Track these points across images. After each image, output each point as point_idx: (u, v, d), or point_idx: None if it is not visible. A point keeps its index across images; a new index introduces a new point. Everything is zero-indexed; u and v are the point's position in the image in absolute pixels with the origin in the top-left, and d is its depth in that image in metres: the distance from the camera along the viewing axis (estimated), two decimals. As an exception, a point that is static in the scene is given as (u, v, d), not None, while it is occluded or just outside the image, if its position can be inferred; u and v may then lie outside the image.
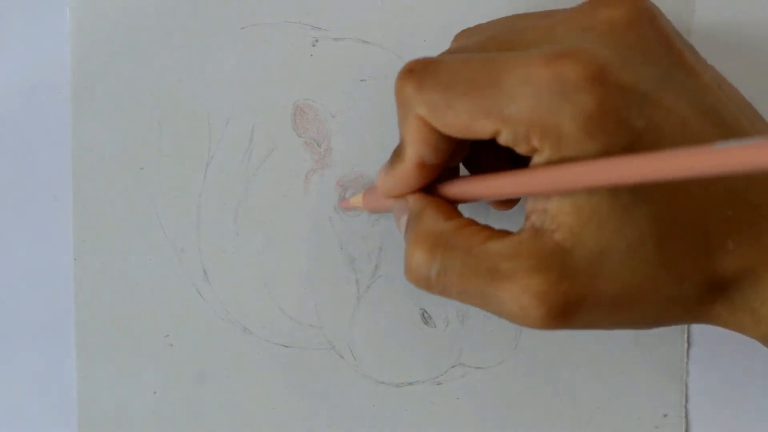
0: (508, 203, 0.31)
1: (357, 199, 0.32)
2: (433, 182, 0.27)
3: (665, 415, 0.34)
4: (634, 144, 0.23)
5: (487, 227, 0.26)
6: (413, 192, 0.27)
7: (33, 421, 0.35)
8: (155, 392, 0.34)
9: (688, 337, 0.34)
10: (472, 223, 0.26)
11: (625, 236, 0.23)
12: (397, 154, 0.27)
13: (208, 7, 0.33)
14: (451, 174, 0.28)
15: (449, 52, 0.27)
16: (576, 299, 0.24)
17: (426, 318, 0.34)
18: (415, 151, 0.26)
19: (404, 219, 0.27)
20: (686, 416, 0.34)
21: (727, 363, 0.34)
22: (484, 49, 0.26)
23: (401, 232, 0.28)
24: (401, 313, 0.34)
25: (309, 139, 0.34)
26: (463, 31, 0.30)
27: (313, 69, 0.33)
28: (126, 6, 0.33)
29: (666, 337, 0.34)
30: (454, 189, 0.27)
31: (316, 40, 0.33)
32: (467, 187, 0.26)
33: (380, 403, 0.34)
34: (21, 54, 0.34)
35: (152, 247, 0.34)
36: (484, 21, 0.30)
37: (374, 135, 0.33)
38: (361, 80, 0.33)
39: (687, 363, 0.34)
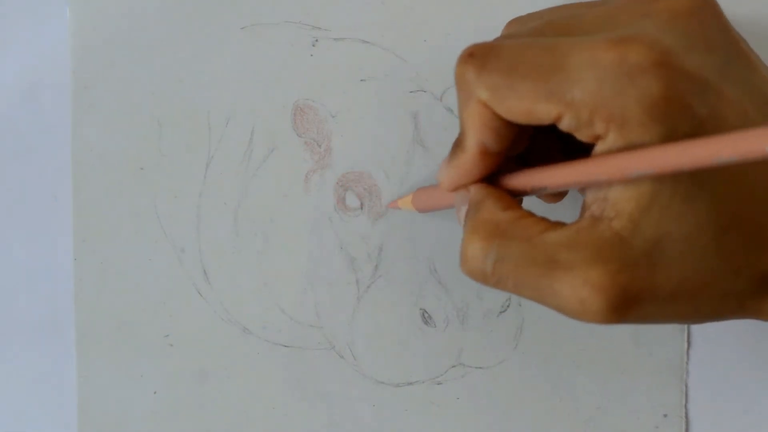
0: (558, 195, 0.30)
1: (406, 200, 0.32)
2: (495, 174, 0.27)
3: (665, 415, 0.34)
4: (696, 131, 0.23)
5: (544, 219, 0.25)
6: (476, 182, 0.27)
7: (33, 421, 0.35)
8: (155, 392, 0.34)
9: (688, 337, 0.34)
10: (530, 214, 0.26)
11: (685, 225, 0.23)
12: (458, 144, 0.26)
13: (208, 7, 0.33)
14: (510, 166, 0.28)
15: (502, 38, 0.27)
16: (635, 291, 0.23)
17: (426, 318, 0.34)
18: (477, 137, 0.25)
19: (463, 210, 0.27)
20: (686, 416, 0.34)
21: (727, 363, 0.34)
22: (541, 34, 0.26)
23: (461, 225, 0.27)
24: (401, 313, 0.34)
25: (309, 139, 0.34)
26: (516, 19, 0.29)
27: (313, 69, 0.33)
28: (126, 6, 0.33)
29: (666, 337, 0.34)
30: (517, 180, 0.26)
31: (316, 40, 0.33)
32: (531, 177, 0.26)
33: (380, 403, 0.34)
34: (21, 54, 0.34)
35: (152, 247, 0.34)
36: (484, 21, 0.30)
37: (374, 135, 0.33)
38: (361, 80, 0.33)
39: (687, 363, 0.34)
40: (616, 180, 0.23)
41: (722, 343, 0.34)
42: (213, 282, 0.34)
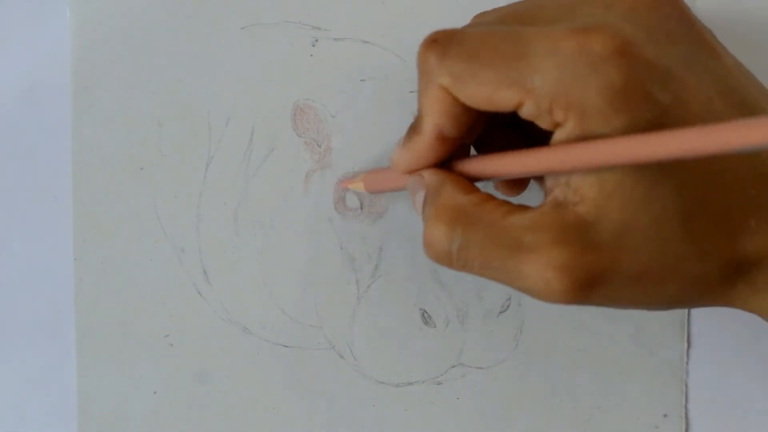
0: (517, 187, 0.30)
1: (357, 181, 0.32)
2: (448, 160, 0.27)
3: (665, 415, 0.34)
4: (659, 120, 0.23)
5: (506, 202, 0.25)
6: (430, 167, 0.27)
7: (33, 421, 0.35)
8: (155, 392, 0.34)
9: (688, 337, 0.34)
10: (492, 197, 0.26)
11: (650, 211, 0.23)
12: (414, 127, 0.26)
13: (208, 7, 0.33)
14: (463, 152, 0.28)
15: (466, 26, 0.27)
16: (599, 272, 0.23)
17: (426, 318, 0.34)
18: (435, 122, 0.25)
19: (420, 195, 0.27)
20: (686, 416, 0.34)
21: (727, 363, 0.34)
22: (504, 22, 0.26)
23: (417, 210, 0.27)
24: (401, 313, 0.34)
25: (309, 139, 0.34)
26: (481, 13, 0.30)
27: (313, 69, 0.33)
28: (126, 6, 0.33)
29: (666, 337, 0.34)
30: (472, 166, 0.26)
31: (316, 40, 0.33)
32: (487, 164, 0.26)
33: (380, 403, 0.34)
34: (21, 54, 0.34)
35: (152, 247, 0.34)
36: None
37: (374, 135, 0.33)
38: (361, 80, 0.33)
39: (687, 363, 0.34)
40: (574, 170, 0.23)
41: (722, 343, 0.34)
42: (213, 282, 0.34)
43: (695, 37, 0.25)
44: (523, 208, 0.25)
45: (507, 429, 0.34)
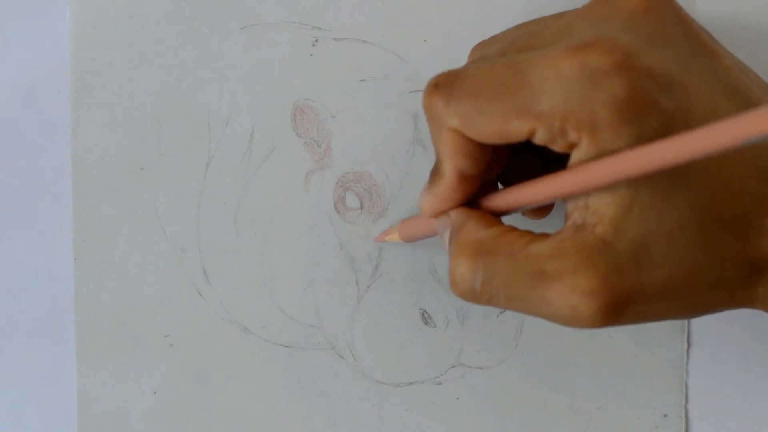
0: (543, 211, 0.30)
1: (392, 232, 0.32)
2: (474, 197, 0.27)
3: (665, 415, 0.34)
4: (666, 127, 0.23)
5: (528, 232, 0.25)
6: (456, 207, 0.27)
7: (33, 421, 0.35)
8: (155, 392, 0.34)
9: (688, 337, 0.34)
10: (513, 229, 0.26)
11: (666, 223, 0.23)
12: (435, 171, 0.27)
13: (208, 7, 0.33)
14: (489, 188, 0.28)
15: (466, 64, 0.27)
16: (625, 293, 0.23)
17: (426, 318, 0.34)
18: (453, 164, 0.26)
19: (447, 235, 0.27)
20: (686, 416, 0.34)
21: (727, 363, 0.34)
22: (503, 55, 0.26)
23: (446, 249, 0.27)
24: (401, 313, 0.34)
25: (309, 139, 0.34)
26: (480, 44, 0.30)
27: (313, 69, 0.33)
28: (126, 6, 0.33)
29: (666, 337, 0.34)
30: (496, 201, 0.27)
31: (316, 40, 0.33)
32: (509, 197, 0.26)
33: (380, 403, 0.34)
34: (21, 54, 0.34)
35: (152, 247, 0.34)
36: (484, 21, 0.30)
37: (374, 135, 0.33)
38: (361, 80, 0.33)
39: (687, 363, 0.34)
40: (593, 188, 0.23)
41: (722, 343, 0.34)
42: (213, 282, 0.34)
43: (693, 39, 0.25)
44: (544, 236, 0.25)
45: (507, 429, 0.34)
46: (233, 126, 0.34)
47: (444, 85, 0.25)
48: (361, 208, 0.34)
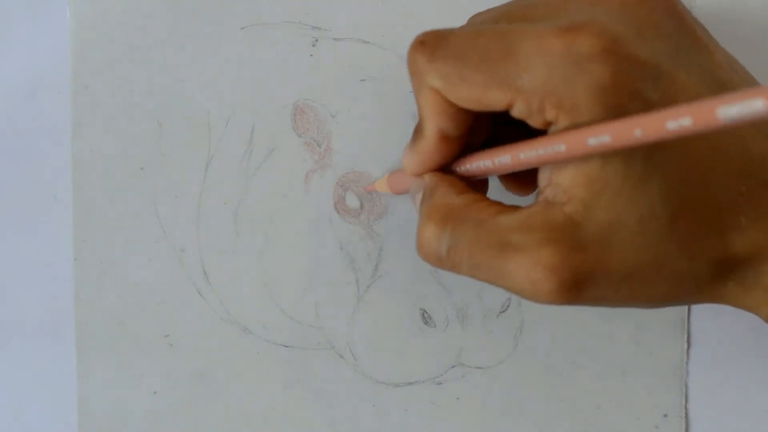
0: (526, 187, 0.30)
1: (382, 182, 0.32)
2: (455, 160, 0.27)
3: (665, 415, 0.34)
4: None
5: (497, 202, 0.25)
6: (439, 167, 0.27)
7: (33, 421, 0.35)
8: (155, 392, 0.34)
9: (688, 337, 0.34)
10: (484, 198, 0.26)
11: (637, 209, 0.23)
12: (418, 130, 0.27)
13: (208, 7, 0.33)
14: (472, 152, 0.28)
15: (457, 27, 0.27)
16: (587, 272, 0.23)
17: (426, 318, 0.34)
18: (435, 123, 0.26)
19: (419, 197, 0.27)
20: (686, 416, 0.34)
21: (727, 363, 0.34)
22: (496, 23, 0.26)
23: (417, 210, 0.27)
24: (401, 313, 0.34)
25: (309, 139, 0.34)
26: (477, 14, 0.30)
27: (313, 69, 0.33)
28: (126, 6, 0.33)
29: (666, 337, 0.34)
30: (471, 162, 0.26)
31: (316, 40, 0.33)
32: (483, 158, 0.26)
33: (380, 403, 0.34)
34: (21, 54, 0.34)
35: (152, 247, 0.34)
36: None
37: (374, 135, 0.33)
38: (361, 80, 0.33)
39: (687, 363, 0.34)
40: (561, 159, 0.23)
41: (722, 343, 0.34)
42: (213, 282, 0.34)
43: (685, 31, 0.25)
44: (513, 208, 0.25)
45: (507, 429, 0.34)
46: (233, 126, 0.34)
47: (429, 44, 0.25)
48: (361, 208, 0.34)
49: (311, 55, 0.33)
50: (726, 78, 0.25)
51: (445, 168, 0.27)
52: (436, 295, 0.34)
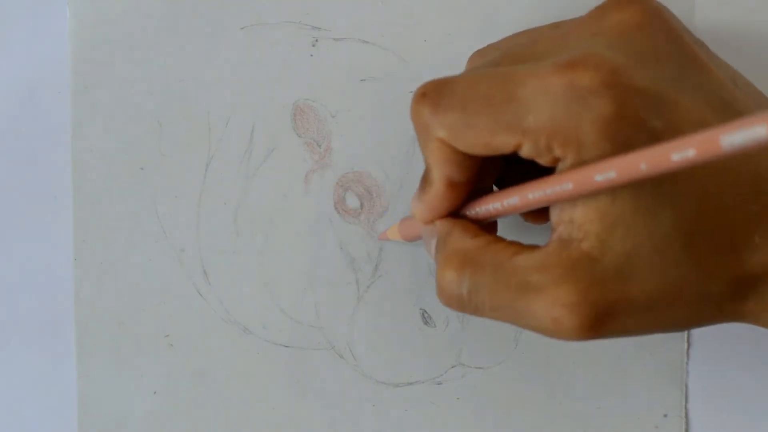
0: (542, 217, 0.30)
1: (393, 230, 0.32)
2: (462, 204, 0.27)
3: (665, 415, 0.34)
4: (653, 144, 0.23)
5: (514, 242, 0.26)
6: (449, 213, 0.27)
7: (33, 421, 0.35)
8: (155, 392, 0.34)
9: (688, 337, 0.34)
10: (499, 239, 0.26)
11: (651, 238, 0.23)
12: (425, 178, 0.27)
13: (208, 7, 0.33)
14: (482, 194, 0.28)
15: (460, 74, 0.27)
16: (608, 307, 0.23)
17: (426, 318, 0.34)
18: (442, 172, 0.26)
19: (433, 244, 0.27)
20: (686, 416, 0.34)
21: (727, 363, 0.34)
22: (497, 64, 0.26)
23: (432, 258, 0.27)
24: (401, 313, 0.34)
25: (309, 139, 0.34)
26: (477, 52, 0.30)
27: (313, 69, 0.33)
28: (126, 6, 0.33)
29: (666, 337, 0.34)
30: (480, 205, 0.27)
31: (316, 40, 0.33)
32: (492, 201, 0.26)
33: (380, 403, 0.34)
34: (21, 54, 0.34)
35: (152, 247, 0.34)
36: (484, 21, 0.30)
37: (374, 135, 0.33)
38: (361, 80, 0.33)
39: (687, 363, 0.34)
40: (572, 196, 0.23)
41: (722, 343, 0.34)
42: (213, 282, 0.34)
43: (685, 54, 0.25)
44: (529, 248, 0.25)
45: (507, 429, 0.34)
46: (233, 126, 0.34)
47: (431, 95, 0.25)
48: (361, 208, 0.34)
49: (311, 55, 0.33)
50: (730, 97, 0.25)
51: (454, 213, 0.27)
52: (436, 295, 0.34)
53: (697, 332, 0.34)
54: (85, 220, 0.34)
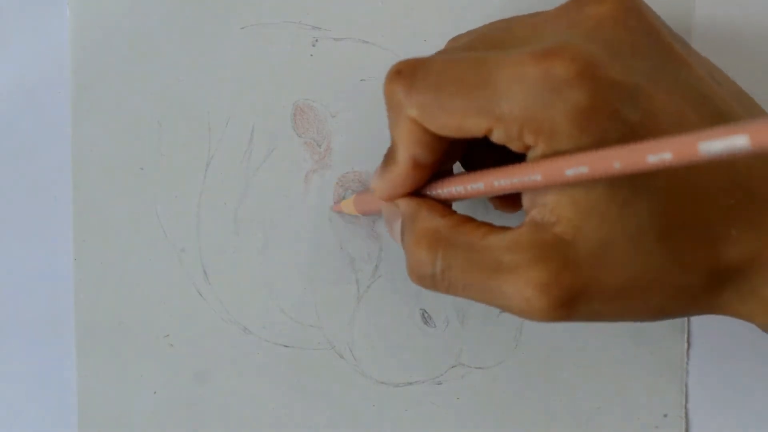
0: (511, 205, 0.31)
1: (348, 203, 0.32)
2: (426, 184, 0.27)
3: (665, 415, 0.34)
4: (628, 137, 0.23)
5: (485, 223, 0.26)
6: (409, 193, 0.27)
7: (33, 421, 0.35)
8: (155, 392, 0.34)
9: (688, 337, 0.34)
10: (470, 219, 0.26)
11: (626, 228, 0.23)
12: (390, 156, 0.27)
13: (208, 7, 0.33)
14: (444, 175, 0.28)
15: (434, 54, 0.27)
16: (579, 289, 0.24)
17: (426, 318, 0.34)
18: (408, 151, 0.26)
19: (397, 225, 0.27)
20: (686, 416, 0.34)
21: (727, 363, 0.34)
22: (473, 48, 0.26)
23: (396, 239, 0.28)
24: (401, 313, 0.34)
25: (309, 139, 0.34)
26: (455, 37, 0.30)
27: (313, 69, 0.33)
28: (126, 6, 0.33)
29: (666, 337, 0.34)
30: (444, 187, 0.27)
31: (316, 40, 0.33)
32: (457, 183, 0.26)
33: (380, 403, 0.34)
34: (21, 54, 0.34)
35: (152, 247, 0.34)
36: (484, 21, 0.30)
37: (374, 135, 0.33)
38: (361, 80, 0.33)
39: (687, 363, 0.34)
40: (538, 186, 0.23)
41: (722, 343, 0.34)
42: (213, 282, 0.34)
43: (663, 48, 0.25)
44: (501, 228, 0.25)
45: (507, 429, 0.34)
46: (233, 126, 0.34)
47: (406, 74, 0.25)
48: (361, 208, 0.34)
49: (311, 55, 0.33)
50: (708, 91, 0.25)
51: (415, 193, 0.27)
52: (436, 295, 0.34)
53: (697, 332, 0.34)
54: (85, 220, 0.34)
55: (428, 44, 0.33)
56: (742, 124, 0.19)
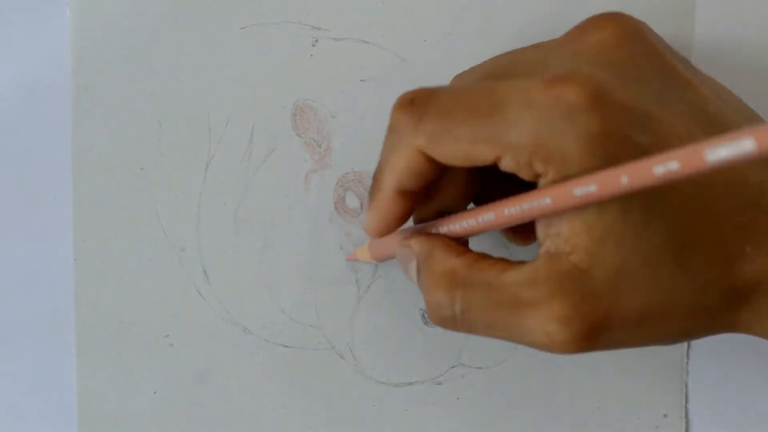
0: (526, 237, 0.30)
1: (363, 251, 0.32)
2: (436, 222, 0.27)
3: (665, 415, 0.34)
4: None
5: (501, 259, 0.25)
6: (399, 224, 0.27)
7: (33, 421, 0.35)
8: (155, 392, 0.34)
9: (688, 337, 0.34)
10: (485, 256, 0.26)
11: (641, 252, 0.23)
12: (375, 186, 0.27)
13: (208, 7, 0.33)
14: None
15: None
16: (600, 319, 0.23)
17: (426, 318, 0.34)
18: (394, 177, 0.25)
19: (412, 266, 0.27)
20: (686, 416, 0.34)
21: (727, 363, 0.34)
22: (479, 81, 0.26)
23: (412, 279, 0.27)
24: (401, 313, 0.34)
25: (309, 139, 0.34)
26: (459, 75, 0.30)
27: (313, 69, 0.33)
28: (126, 6, 0.33)
29: (666, 337, 0.34)
30: (456, 221, 0.26)
31: (316, 40, 0.33)
32: (469, 217, 0.26)
33: (380, 403, 0.34)
34: (21, 54, 0.34)
35: (152, 247, 0.34)
36: (484, 21, 0.30)
37: (374, 135, 0.33)
38: (361, 80, 0.33)
39: (687, 363, 0.34)
40: (549, 212, 0.23)
41: (722, 342, 0.34)
42: (213, 282, 0.34)
43: (667, 71, 0.25)
44: (518, 263, 0.25)
45: (507, 429, 0.34)
46: (233, 126, 0.34)
47: (419, 102, 0.25)
48: (361, 208, 0.34)
49: (311, 55, 0.33)
50: (715, 110, 0.25)
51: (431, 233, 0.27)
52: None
53: (697, 332, 0.34)
54: (85, 220, 0.34)
55: (428, 44, 0.33)
56: (747, 129, 0.19)
